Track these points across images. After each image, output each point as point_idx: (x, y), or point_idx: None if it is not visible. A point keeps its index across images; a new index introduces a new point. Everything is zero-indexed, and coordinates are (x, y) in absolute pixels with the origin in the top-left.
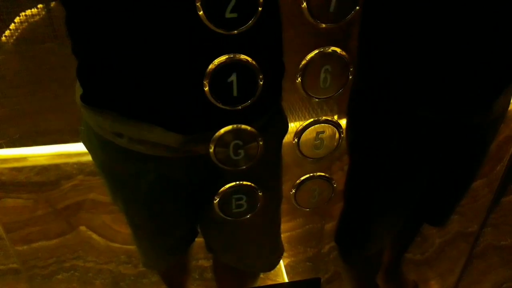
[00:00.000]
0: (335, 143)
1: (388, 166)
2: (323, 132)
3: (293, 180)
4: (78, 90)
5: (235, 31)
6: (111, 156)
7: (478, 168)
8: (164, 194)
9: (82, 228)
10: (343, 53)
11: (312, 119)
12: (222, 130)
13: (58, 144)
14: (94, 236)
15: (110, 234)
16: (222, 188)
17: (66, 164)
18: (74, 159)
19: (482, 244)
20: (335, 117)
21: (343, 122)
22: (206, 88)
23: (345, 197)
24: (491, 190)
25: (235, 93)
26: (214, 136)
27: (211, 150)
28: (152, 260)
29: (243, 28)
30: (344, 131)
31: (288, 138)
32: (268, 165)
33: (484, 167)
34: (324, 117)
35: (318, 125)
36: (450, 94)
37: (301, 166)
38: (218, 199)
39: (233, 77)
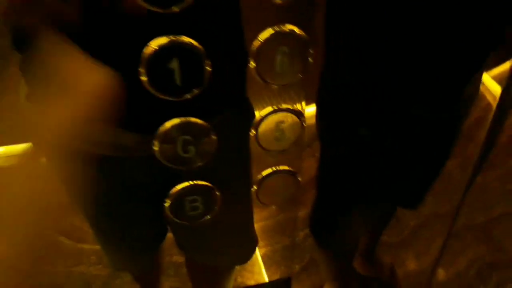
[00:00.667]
0: (297, 134)
1: (360, 154)
2: (283, 122)
3: (255, 175)
4: (23, 88)
5: (176, 9)
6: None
7: (451, 150)
8: (125, 196)
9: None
10: (302, 32)
11: (270, 108)
12: (168, 124)
13: (17, 144)
14: (61, 238)
15: (78, 235)
16: (173, 190)
17: None
18: None
19: (456, 223)
20: (303, 104)
21: (312, 109)
22: (144, 78)
23: (317, 185)
24: (463, 170)
25: (178, 81)
26: (159, 131)
27: (156, 148)
28: (121, 262)
29: (184, 4)
30: (305, 120)
31: None
32: (231, 161)
33: (456, 147)
34: (283, 105)
35: (277, 114)
36: (421, 89)
37: (263, 161)
38: (169, 202)
39: (175, 63)
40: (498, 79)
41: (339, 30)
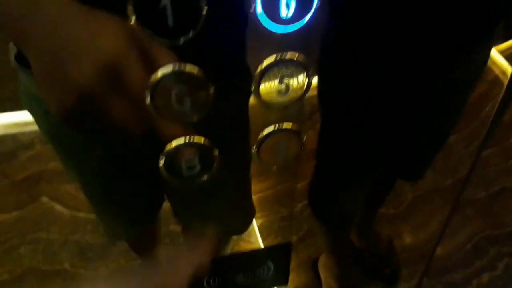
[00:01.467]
0: (302, 88)
1: (361, 124)
2: (289, 74)
3: (255, 135)
4: (12, 49)
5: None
6: (57, 124)
7: (455, 122)
8: (118, 164)
9: (44, 199)
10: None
11: (274, 56)
12: (160, 73)
13: (13, 111)
14: (57, 206)
15: (74, 203)
16: (168, 146)
17: (23, 133)
18: (31, 128)
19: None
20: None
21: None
22: (133, 18)
23: (317, 157)
24: (465, 145)
25: (170, 21)
26: (149, 81)
27: (147, 100)
28: (117, 231)
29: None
30: (312, 74)
31: None
32: (230, 121)
33: (460, 123)
34: (289, 55)
35: (282, 67)
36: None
37: (264, 119)
38: (164, 160)
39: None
40: (505, 54)
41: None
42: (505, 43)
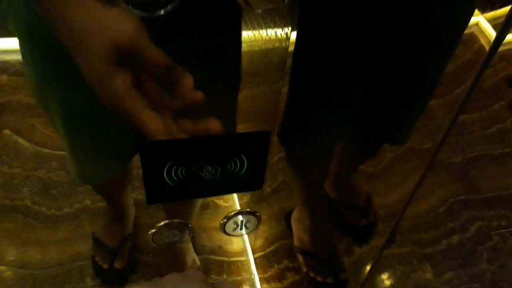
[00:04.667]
0: None
1: (336, 56)
2: None
3: None
4: None
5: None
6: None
7: (434, 83)
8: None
9: (6, 132)
10: None
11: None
12: None
13: None
14: (21, 140)
15: (39, 138)
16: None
17: None
18: None
19: (433, 160)
20: (289, 29)
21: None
22: None
23: (289, 88)
24: (448, 112)
25: None
26: None
27: None
28: (88, 172)
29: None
30: None
31: None
32: None
33: (442, 88)
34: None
35: None
36: None
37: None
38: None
39: None
40: (493, 23)
41: None
42: (494, 11)
